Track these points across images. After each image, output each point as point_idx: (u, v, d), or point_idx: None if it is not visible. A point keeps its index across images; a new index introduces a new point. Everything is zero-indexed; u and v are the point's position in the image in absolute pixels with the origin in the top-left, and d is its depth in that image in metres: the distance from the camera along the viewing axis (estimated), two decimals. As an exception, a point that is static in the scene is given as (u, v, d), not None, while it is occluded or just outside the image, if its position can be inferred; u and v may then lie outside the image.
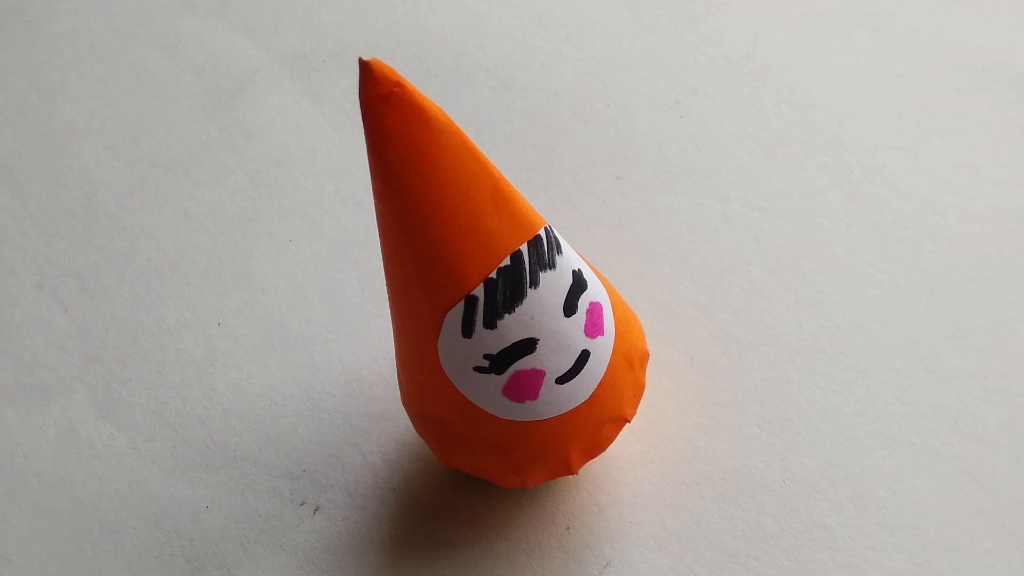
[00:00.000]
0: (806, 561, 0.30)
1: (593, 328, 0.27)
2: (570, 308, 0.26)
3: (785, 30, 0.42)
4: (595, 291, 0.27)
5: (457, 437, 0.28)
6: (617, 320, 0.28)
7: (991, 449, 0.32)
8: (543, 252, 0.26)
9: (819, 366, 0.33)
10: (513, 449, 0.28)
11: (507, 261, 0.25)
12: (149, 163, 0.40)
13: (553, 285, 0.26)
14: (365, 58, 0.22)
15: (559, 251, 0.26)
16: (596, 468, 0.32)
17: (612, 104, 0.40)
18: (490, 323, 0.25)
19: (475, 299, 0.25)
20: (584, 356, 0.27)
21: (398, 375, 0.30)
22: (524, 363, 0.26)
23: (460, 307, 0.25)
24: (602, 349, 0.27)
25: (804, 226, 0.36)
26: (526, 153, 0.39)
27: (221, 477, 0.33)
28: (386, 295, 0.29)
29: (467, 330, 0.25)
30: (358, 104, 0.23)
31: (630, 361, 0.28)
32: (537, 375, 0.26)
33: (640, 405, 0.31)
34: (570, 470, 0.29)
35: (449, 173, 0.24)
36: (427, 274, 0.25)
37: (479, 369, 0.26)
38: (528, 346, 0.26)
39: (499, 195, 0.25)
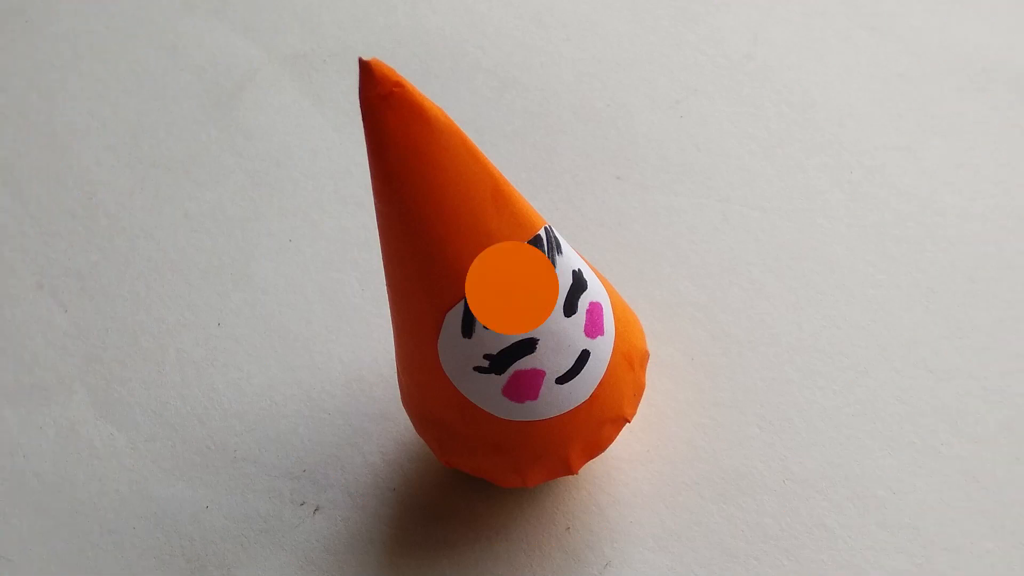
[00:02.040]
0: (806, 561, 0.30)
1: (593, 328, 0.27)
2: (570, 308, 0.26)
3: (785, 30, 0.42)
4: (595, 291, 0.27)
5: (457, 437, 0.28)
6: (617, 320, 0.28)
7: (991, 449, 0.32)
8: (543, 252, 0.26)
9: (819, 366, 0.33)
10: (513, 449, 0.28)
11: (507, 261, 0.25)
12: (149, 163, 0.40)
13: (553, 285, 0.26)
14: (365, 58, 0.22)
15: (559, 251, 0.26)
16: (596, 468, 0.32)
17: (612, 104, 0.40)
18: (490, 323, 0.25)
19: (475, 299, 0.25)
20: (584, 356, 0.27)
21: (398, 375, 0.30)
22: (524, 363, 0.26)
23: (460, 307, 0.25)
24: (602, 349, 0.27)
25: (804, 226, 0.36)
26: (526, 153, 0.39)
27: (221, 477, 0.33)
28: (386, 295, 0.29)
29: (467, 330, 0.25)
30: (358, 104, 0.23)
31: (630, 361, 0.28)
32: (537, 375, 0.26)
33: (640, 405, 0.31)
34: (570, 470, 0.29)
35: (449, 173, 0.24)
36: (427, 274, 0.25)
37: (479, 369, 0.26)
38: (528, 346, 0.26)
39: (499, 195, 0.25)
